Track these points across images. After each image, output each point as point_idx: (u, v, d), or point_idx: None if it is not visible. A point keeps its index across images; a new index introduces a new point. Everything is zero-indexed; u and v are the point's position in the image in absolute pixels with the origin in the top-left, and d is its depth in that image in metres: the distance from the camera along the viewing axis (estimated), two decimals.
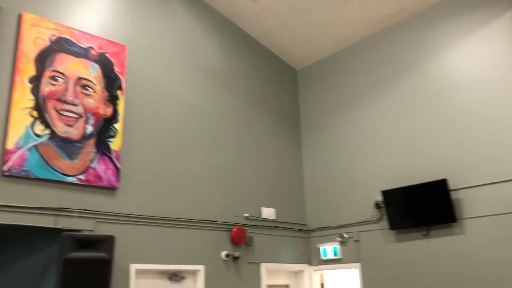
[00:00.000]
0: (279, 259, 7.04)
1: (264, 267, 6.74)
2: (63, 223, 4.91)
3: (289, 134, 7.86)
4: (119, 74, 5.67)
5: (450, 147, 6.03)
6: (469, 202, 5.73)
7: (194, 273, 6.00)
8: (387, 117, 6.83)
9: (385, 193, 6.43)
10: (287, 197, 7.49)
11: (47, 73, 5.06)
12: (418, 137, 6.40)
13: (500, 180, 5.50)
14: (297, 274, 7.42)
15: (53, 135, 4.98)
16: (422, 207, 6.05)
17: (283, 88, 8.06)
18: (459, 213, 5.76)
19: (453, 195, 5.77)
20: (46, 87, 5.02)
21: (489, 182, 5.59)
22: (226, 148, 6.80)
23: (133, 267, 5.32)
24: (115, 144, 5.47)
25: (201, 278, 5.95)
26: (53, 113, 5.02)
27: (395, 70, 6.85)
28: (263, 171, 7.24)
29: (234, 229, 6.43)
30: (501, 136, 5.58)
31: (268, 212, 7.06)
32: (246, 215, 6.75)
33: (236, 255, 6.37)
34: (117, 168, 5.41)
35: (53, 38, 5.18)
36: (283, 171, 7.56)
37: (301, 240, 7.45)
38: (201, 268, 5.99)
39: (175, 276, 5.83)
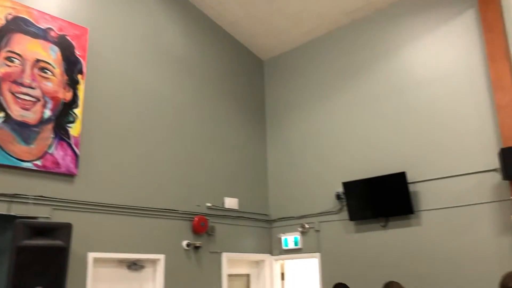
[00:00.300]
0: (241, 249, 7.06)
1: (225, 256, 6.75)
2: (17, 210, 4.75)
3: (253, 124, 7.86)
4: (80, 58, 5.51)
5: (409, 142, 6.18)
6: (425, 194, 5.90)
7: (154, 262, 5.94)
8: (351, 111, 6.93)
9: (346, 185, 6.54)
10: (250, 187, 7.51)
11: (2, 54, 4.86)
12: (379, 131, 6.52)
13: (454, 174, 5.68)
14: (258, 263, 7.47)
15: (8, 119, 4.79)
16: (381, 199, 6.19)
17: (249, 78, 8.04)
18: (416, 205, 5.93)
19: (411, 187, 5.93)
20: (1, 68, 4.82)
21: (444, 176, 5.77)
22: (189, 137, 6.74)
23: (91, 255, 5.21)
24: (74, 129, 5.32)
25: (161, 267, 5.90)
26: (8, 96, 4.83)
27: (359, 64, 6.95)
28: (227, 161, 7.22)
29: (196, 219, 6.39)
30: (457, 133, 5.76)
31: (231, 202, 7.05)
32: (209, 204, 6.72)
33: (197, 245, 6.34)
34: (76, 155, 5.27)
35: (10, 17, 4.97)
36: (247, 161, 7.57)
37: (263, 230, 7.49)
38: (161, 257, 5.93)
39: (134, 265, 5.76)
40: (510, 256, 5.04)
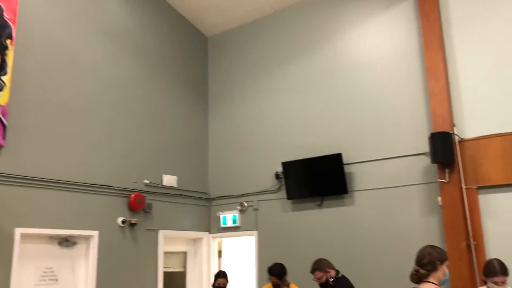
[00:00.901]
0: (178, 227, 7.01)
1: (162, 234, 6.67)
2: None
3: (195, 101, 7.74)
4: (9, 22, 5.14)
5: (346, 124, 6.35)
6: (359, 176, 6.11)
7: (87, 238, 5.77)
8: (291, 92, 6.99)
9: (285, 165, 6.63)
10: (190, 165, 7.43)
11: None
12: (318, 113, 6.64)
13: (387, 157, 5.92)
14: (195, 241, 7.45)
15: None
16: (317, 179, 6.34)
17: (193, 54, 7.88)
18: (350, 185, 6.13)
19: (346, 168, 6.12)
20: None
21: (377, 158, 5.99)
22: (128, 112, 6.53)
23: (18, 231, 4.96)
24: (1, 98, 4.99)
25: (94, 244, 5.74)
26: None
27: (302, 46, 6.99)
28: (167, 138, 7.09)
29: (132, 195, 6.25)
30: (391, 117, 5.98)
31: (169, 180, 6.95)
32: (146, 181, 6.58)
33: (133, 222, 6.22)
34: (3, 125, 4.96)
35: None
36: (188, 139, 7.47)
37: (201, 208, 7.47)
38: (95, 233, 5.77)
39: (66, 242, 5.56)
40: (436, 234, 5.34)
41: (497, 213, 5.07)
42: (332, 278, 4.45)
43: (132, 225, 6.23)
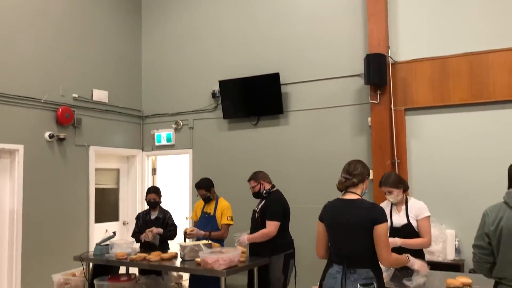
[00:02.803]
0: (110, 143, 6.82)
1: (93, 150, 6.49)
2: None
3: (128, 13, 7.26)
4: None
5: (284, 44, 6.28)
6: (294, 96, 6.17)
7: (11, 152, 5.48)
8: (230, 9, 6.73)
9: (222, 83, 6.53)
10: (122, 81, 7.11)
11: None
12: (256, 32, 6.49)
13: (323, 77, 5.98)
14: (128, 158, 7.34)
15: None
16: (254, 99, 6.33)
17: None
18: (286, 106, 6.19)
19: (283, 89, 6.14)
20: None
21: (313, 79, 6.04)
22: (55, 23, 6.03)
23: None
24: None
25: (19, 158, 5.48)
26: None
27: None
28: (97, 51, 6.67)
29: (60, 109, 5.94)
30: (329, 38, 5.95)
31: (99, 94, 6.64)
32: (75, 95, 6.25)
33: (61, 137, 5.96)
34: None
35: None
36: (120, 53, 7.08)
37: (134, 126, 7.28)
38: (19, 147, 5.48)
39: None
40: (364, 153, 5.60)
41: (421, 133, 5.38)
42: (265, 190, 4.58)
43: (60, 140, 5.97)
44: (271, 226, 4.34)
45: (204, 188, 5.05)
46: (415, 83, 5.39)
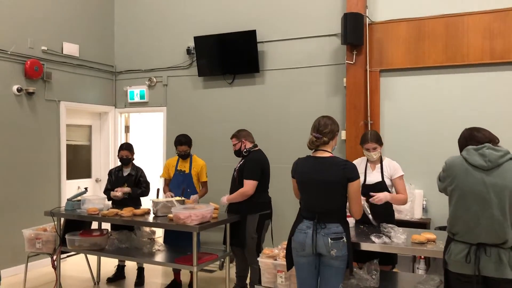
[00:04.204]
0: (82, 99, 6.66)
1: (64, 105, 6.33)
2: None
3: None
4: None
5: (260, 0, 6.14)
6: (271, 54, 6.10)
7: None
8: None
9: (197, 40, 6.38)
10: (94, 35, 6.87)
11: None
12: None
13: (299, 36, 5.90)
14: (101, 115, 7.20)
15: None
16: (230, 56, 6.23)
17: None
18: (262, 64, 6.12)
19: (259, 47, 6.05)
20: None
21: (290, 37, 5.96)
22: None
23: None
24: None
25: None
26: None
27: None
28: (68, 2, 6.40)
29: (28, 62, 5.73)
30: None
31: (70, 48, 6.43)
32: (44, 48, 6.03)
33: (30, 91, 5.78)
34: None
35: None
36: (92, 5, 6.80)
37: (107, 81, 7.11)
38: None
39: None
40: (338, 114, 5.63)
41: (394, 94, 5.42)
42: (246, 149, 4.57)
43: (29, 94, 5.80)
44: (248, 185, 4.36)
45: (187, 144, 5.03)
46: (391, 44, 5.39)
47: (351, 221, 3.62)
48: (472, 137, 2.59)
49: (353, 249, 3.10)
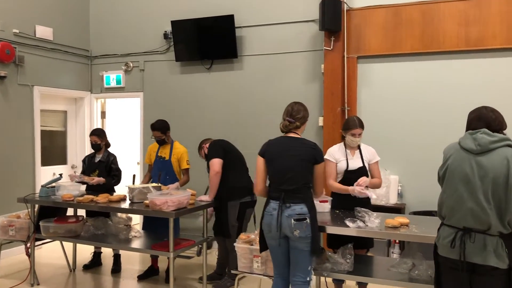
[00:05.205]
0: (56, 84, 6.53)
1: (38, 90, 6.19)
2: None
3: None
4: None
5: None
6: (249, 40, 6.06)
7: None
8: None
9: (175, 24, 6.29)
10: (69, 18, 6.71)
11: None
12: None
13: (278, 22, 5.87)
14: (76, 100, 7.07)
15: None
16: (208, 41, 6.16)
17: None
18: (240, 50, 6.08)
19: (237, 32, 5.99)
20: None
21: (268, 23, 5.92)
22: None
23: None
24: None
25: None
26: None
27: None
28: None
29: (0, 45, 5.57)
30: None
31: (43, 31, 6.26)
32: (16, 31, 5.86)
33: (2, 75, 5.63)
34: None
35: None
36: None
37: (82, 66, 6.97)
38: None
39: None
40: (316, 100, 5.64)
41: (371, 81, 5.45)
42: (207, 148, 4.60)
43: (1, 78, 5.65)
44: (213, 165, 4.39)
45: (159, 130, 4.91)
46: (369, 30, 5.40)
47: (326, 206, 3.66)
48: (480, 118, 2.54)
49: (319, 231, 3.17)
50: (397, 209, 5.05)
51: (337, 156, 3.81)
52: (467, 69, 5.05)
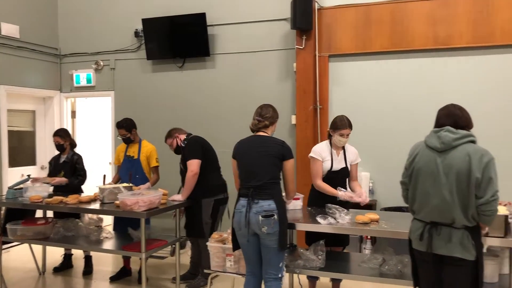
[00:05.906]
0: (24, 83, 6.37)
1: (4, 89, 6.03)
2: None
3: None
4: None
5: None
6: (221, 38, 6.04)
7: None
8: None
9: (146, 22, 6.22)
10: (36, 15, 6.55)
11: None
12: None
13: (250, 20, 5.87)
14: (45, 100, 6.91)
15: None
16: (180, 40, 6.12)
17: None
18: (213, 48, 6.05)
19: (209, 30, 5.97)
20: None
21: (240, 21, 5.91)
22: None
23: None
24: None
25: None
26: None
27: None
28: None
29: None
30: None
31: (9, 29, 6.10)
32: None
33: None
34: None
35: None
36: None
37: (51, 65, 6.82)
38: None
39: None
40: (288, 98, 5.67)
41: (342, 79, 5.51)
42: (182, 140, 4.53)
43: None
44: (191, 165, 4.34)
45: (124, 128, 4.81)
46: (340, 29, 5.45)
47: (298, 203, 3.68)
48: (448, 115, 2.58)
49: (289, 228, 3.21)
50: (368, 206, 5.08)
51: (324, 154, 3.76)
52: (437, 67, 5.16)
